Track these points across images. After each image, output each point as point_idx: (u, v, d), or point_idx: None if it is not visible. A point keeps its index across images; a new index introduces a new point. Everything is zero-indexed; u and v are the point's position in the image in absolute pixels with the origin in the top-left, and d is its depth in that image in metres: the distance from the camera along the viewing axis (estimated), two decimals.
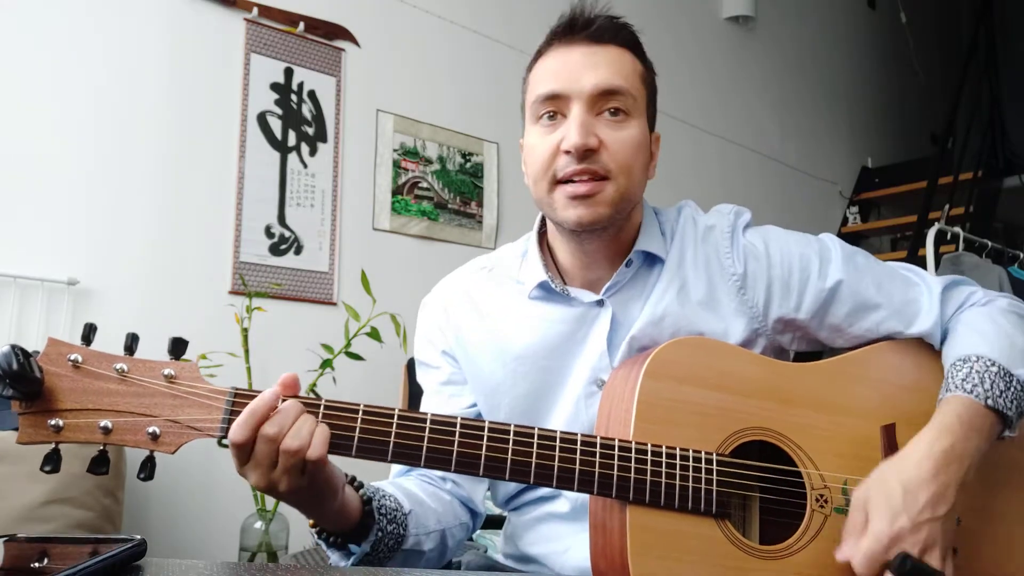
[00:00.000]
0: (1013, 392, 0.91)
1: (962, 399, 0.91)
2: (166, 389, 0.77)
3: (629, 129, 0.97)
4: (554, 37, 1.01)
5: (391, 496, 0.95)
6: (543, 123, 0.98)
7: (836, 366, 0.99)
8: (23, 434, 0.74)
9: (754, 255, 1.02)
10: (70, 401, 0.74)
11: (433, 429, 0.82)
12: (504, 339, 1.04)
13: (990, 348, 0.94)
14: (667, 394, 0.89)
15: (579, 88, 0.95)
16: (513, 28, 3.21)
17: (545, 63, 1.00)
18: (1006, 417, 0.91)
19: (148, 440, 0.76)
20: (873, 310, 1.02)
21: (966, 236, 3.55)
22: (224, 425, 0.77)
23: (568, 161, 0.95)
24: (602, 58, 0.97)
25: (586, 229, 0.97)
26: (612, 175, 0.95)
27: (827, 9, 4.93)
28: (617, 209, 0.96)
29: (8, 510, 1.56)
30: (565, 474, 0.84)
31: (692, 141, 3.86)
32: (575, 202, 0.95)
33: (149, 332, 0.91)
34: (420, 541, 0.97)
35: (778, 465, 0.91)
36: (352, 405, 0.81)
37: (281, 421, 0.77)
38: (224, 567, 0.74)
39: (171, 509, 2.21)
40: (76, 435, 0.74)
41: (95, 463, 0.77)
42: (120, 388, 0.76)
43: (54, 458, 0.75)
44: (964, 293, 1.05)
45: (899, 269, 1.07)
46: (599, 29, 0.98)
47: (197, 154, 2.39)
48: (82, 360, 0.75)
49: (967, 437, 0.89)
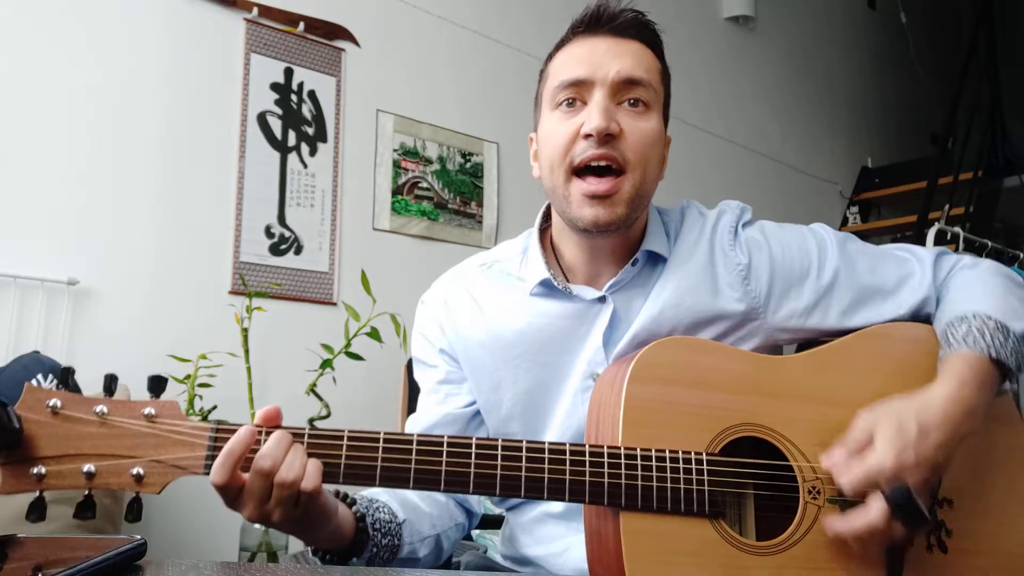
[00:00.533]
0: (1012, 344, 0.93)
1: (967, 354, 0.93)
2: (147, 429, 0.76)
3: (649, 121, 0.98)
4: (577, 29, 1.01)
5: (385, 507, 0.95)
6: (563, 109, 0.98)
7: (820, 356, 0.99)
8: (5, 485, 0.72)
9: (757, 247, 1.04)
10: (51, 448, 0.73)
11: (420, 451, 0.81)
12: (505, 336, 1.04)
13: (984, 305, 0.96)
14: (653, 396, 0.89)
15: (603, 74, 0.96)
16: (513, 28, 3.22)
17: (568, 51, 1.00)
18: (1008, 369, 0.93)
19: (133, 482, 0.75)
20: (872, 295, 1.03)
21: (966, 236, 3.56)
22: (208, 462, 0.76)
23: (587, 145, 0.94)
24: (626, 49, 0.98)
25: (602, 229, 0.97)
26: (629, 166, 0.95)
27: (827, 9, 4.93)
28: (633, 207, 0.97)
29: (8, 510, 1.56)
30: (555, 485, 0.83)
31: (691, 141, 3.86)
32: (593, 201, 0.95)
33: (149, 332, 0.92)
34: (415, 549, 0.97)
35: (769, 460, 0.91)
36: (337, 432, 0.80)
37: (274, 454, 0.76)
38: (224, 567, 0.74)
39: (171, 509, 2.21)
40: (59, 482, 0.73)
41: (81, 508, 0.75)
42: (101, 431, 0.75)
43: (39, 507, 0.73)
44: (952, 259, 1.08)
45: (888, 249, 1.09)
46: (624, 23, 0.99)
47: (197, 154, 2.39)
48: (61, 405, 0.74)
49: (980, 390, 0.90)
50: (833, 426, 0.93)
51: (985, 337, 0.93)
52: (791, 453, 0.91)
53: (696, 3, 4.07)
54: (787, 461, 0.91)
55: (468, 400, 1.08)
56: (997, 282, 1.01)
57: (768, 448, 0.92)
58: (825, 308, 1.03)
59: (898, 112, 5.42)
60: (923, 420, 0.87)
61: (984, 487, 0.98)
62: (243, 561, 2.03)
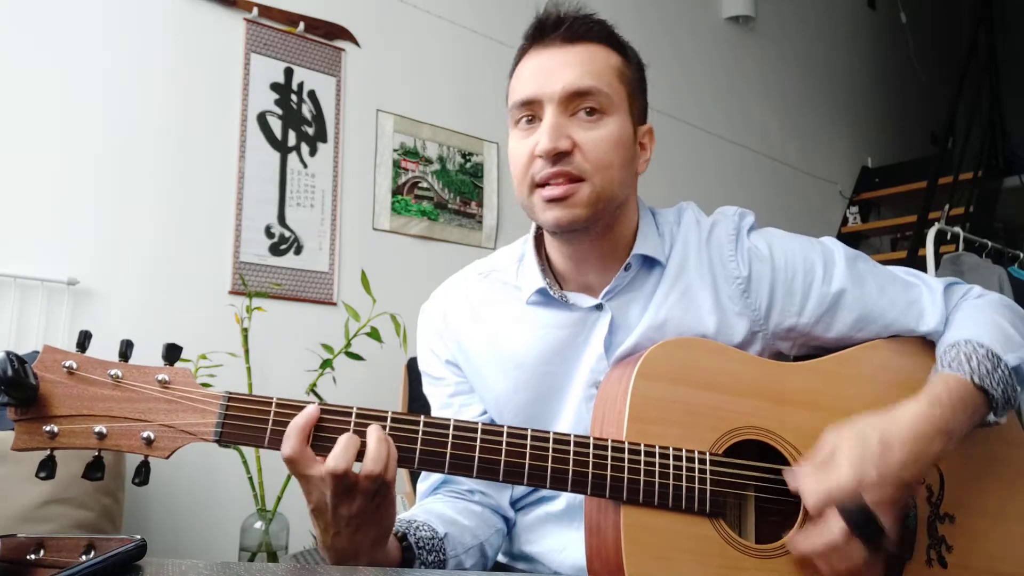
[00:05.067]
0: (1000, 374, 0.92)
1: (948, 376, 0.93)
2: (160, 394, 0.77)
3: (605, 128, 0.95)
4: (528, 40, 1.00)
5: (424, 525, 0.94)
6: (521, 127, 0.98)
7: (829, 365, 0.99)
8: (18, 440, 0.74)
9: (758, 257, 1.02)
10: (65, 407, 0.75)
11: (426, 432, 0.82)
12: (504, 347, 1.03)
13: (978, 333, 0.96)
14: (660, 394, 0.89)
15: (550, 91, 0.95)
16: (514, 28, 3.20)
17: (521, 67, 1.00)
18: (992, 398, 0.92)
19: (143, 445, 0.76)
20: (879, 315, 1.02)
21: (966, 236, 3.55)
22: (218, 429, 0.78)
23: (543, 165, 0.94)
24: (574, 57, 0.96)
25: (565, 230, 0.96)
26: (587, 175, 0.94)
27: (827, 9, 4.93)
28: (595, 209, 0.95)
29: (8, 510, 1.56)
30: (559, 475, 0.84)
31: (691, 141, 3.86)
32: (551, 205, 0.95)
33: (149, 332, 0.92)
34: (461, 561, 0.97)
35: (772, 464, 0.91)
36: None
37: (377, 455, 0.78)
38: (224, 567, 0.74)
39: (171, 509, 2.21)
40: (71, 441, 0.75)
41: (90, 468, 0.77)
42: (114, 394, 0.76)
43: (49, 464, 0.75)
44: (961, 290, 1.07)
45: (898, 272, 1.08)
46: (570, 28, 0.97)
47: (197, 154, 2.39)
48: (77, 366, 0.76)
49: (954, 413, 0.90)
50: None
51: (971, 362, 0.92)
52: (794, 459, 0.91)
53: (696, 3, 4.07)
54: (790, 466, 0.91)
55: (482, 409, 1.08)
56: (1000, 314, 1.00)
57: (771, 452, 0.92)
58: (828, 324, 1.02)
59: (898, 112, 5.42)
60: (887, 437, 0.86)
61: (987, 505, 0.98)
62: (243, 561, 2.03)
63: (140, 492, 2.14)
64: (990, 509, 0.98)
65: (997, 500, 0.99)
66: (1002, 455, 1.00)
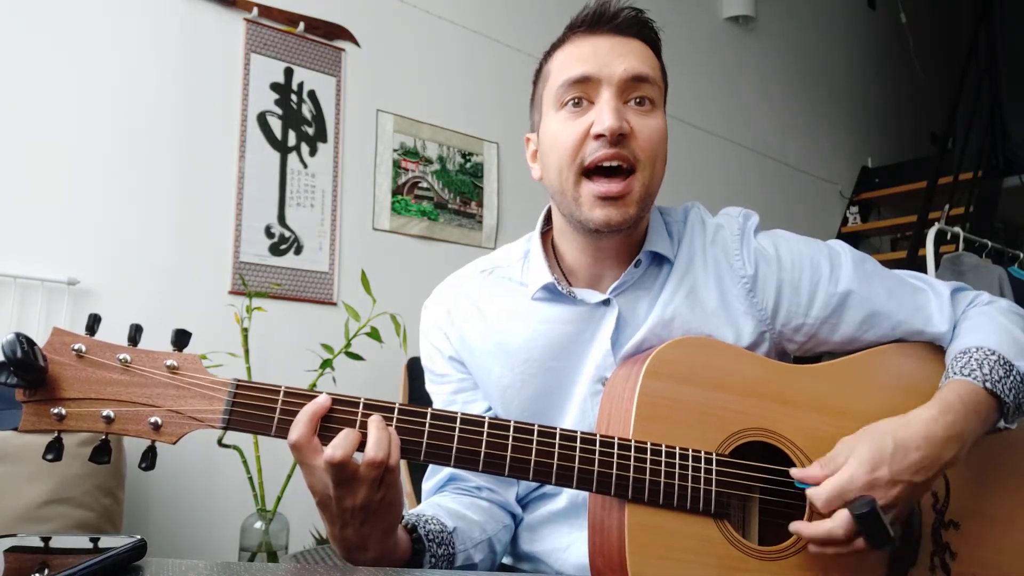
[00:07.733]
0: (1012, 381, 0.92)
1: (960, 382, 0.92)
2: (168, 380, 0.77)
3: (656, 119, 0.97)
4: (576, 28, 0.99)
5: (433, 519, 0.94)
6: (569, 109, 0.96)
7: (838, 368, 0.99)
8: (26, 422, 0.74)
9: (764, 257, 1.02)
10: (73, 390, 0.74)
11: (433, 424, 0.82)
12: (510, 342, 1.03)
13: (989, 340, 0.96)
14: (667, 393, 0.89)
15: (609, 72, 0.94)
16: (514, 28, 3.21)
17: (568, 50, 0.99)
18: (1004, 404, 0.92)
19: (150, 430, 0.76)
20: (886, 318, 1.02)
21: (966, 236, 3.55)
22: (226, 416, 0.78)
23: (599, 146, 0.93)
24: (630, 48, 0.97)
25: (613, 230, 0.95)
26: (640, 165, 0.94)
27: (827, 9, 4.93)
28: (643, 207, 0.96)
29: (8, 510, 1.56)
30: (564, 471, 0.84)
31: (692, 141, 3.86)
32: (604, 203, 0.93)
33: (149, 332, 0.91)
34: (470, 555, 0.96)
35: (778, 466, 0.91)
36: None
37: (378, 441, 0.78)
38: (224, 567, 0.74)
39: (171, 509, 2.21)
40: (79, 424, 0.75)
41: (97, 452, 0.77)
42: (123, 378, 0.76)
43: (56, 447, 0.75)
44: (969, 296, 1.06)
45: (905, 276, 1.07)
46: (625, 21, 0.98)
47: (197, 154, 2.39)
48: (86, 350, 0.75)
49: (967, 418, 0.90)
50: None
51: (983, 368, 0.92)
52: (800, 462, 0.91)
53: (696, 3, 4.07)
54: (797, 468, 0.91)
55: (486, 405, 1.07)
56: (1010, 320, 1.00)
57: (778, 454, 0.92)
58: (834, 325, 1.01)
59: (898, 112, 5.42)
60: (901, 440, 0.86)
61: (993, 512, 0.98)
62: (243, 561, 2.03)
63: (140, 492, 2.14)
64: (996, 517, 0.98)
65: (1003, 508, 0.99)
66: (1009, 463, 1.00)
